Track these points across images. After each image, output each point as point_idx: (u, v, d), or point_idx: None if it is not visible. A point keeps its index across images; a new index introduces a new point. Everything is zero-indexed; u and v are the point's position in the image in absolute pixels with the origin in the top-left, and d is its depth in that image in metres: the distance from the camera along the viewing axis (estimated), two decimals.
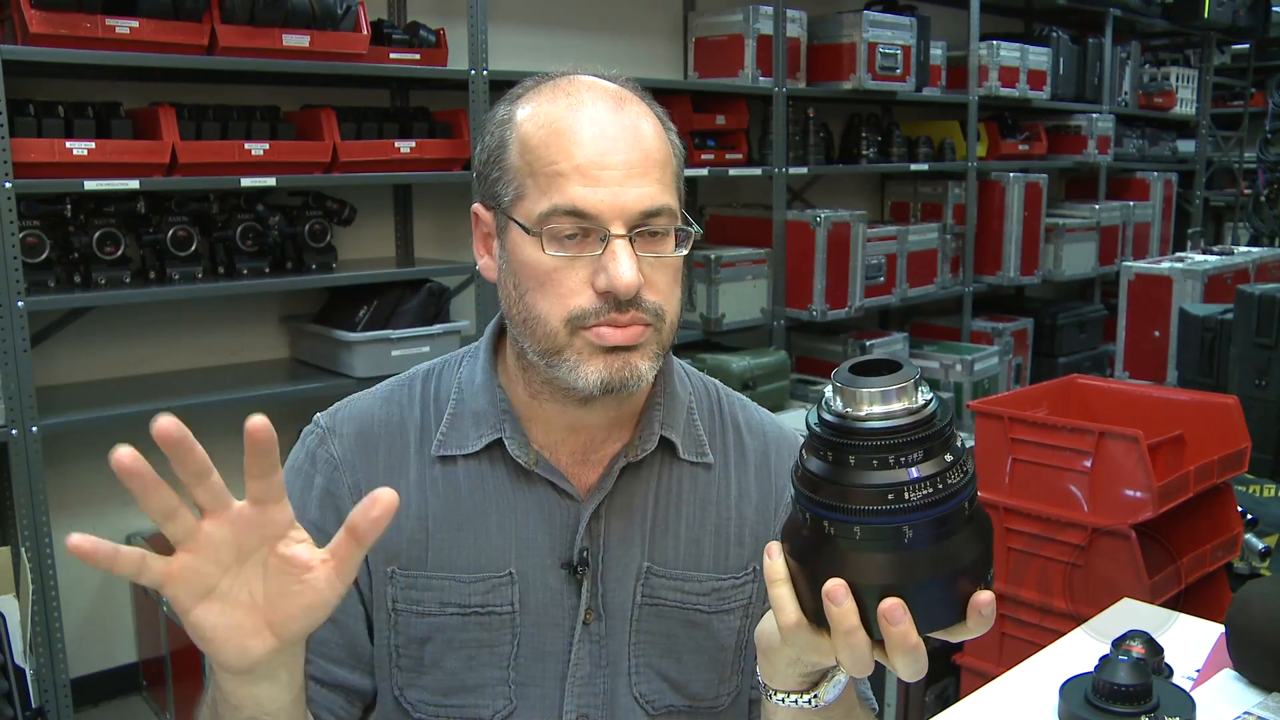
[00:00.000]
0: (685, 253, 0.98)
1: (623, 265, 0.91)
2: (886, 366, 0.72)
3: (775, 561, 0.77)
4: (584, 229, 0.93)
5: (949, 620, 0.71)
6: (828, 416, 0.72)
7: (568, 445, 1.04)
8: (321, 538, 0.98)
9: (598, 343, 0.94)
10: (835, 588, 0.71)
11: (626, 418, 1.05)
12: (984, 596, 0.71)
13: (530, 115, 0.97)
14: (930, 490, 0.69)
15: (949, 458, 0.70)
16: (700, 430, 1.10)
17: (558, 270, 0.94)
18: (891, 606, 0.70)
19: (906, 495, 0.68)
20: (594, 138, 0.93)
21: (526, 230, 0.94)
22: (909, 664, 0.72)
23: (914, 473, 0.69)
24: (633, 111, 0.96)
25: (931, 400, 0.71)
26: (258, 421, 0.72)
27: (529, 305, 0.96)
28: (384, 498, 0.74)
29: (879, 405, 0.70)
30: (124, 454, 0.68)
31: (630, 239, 0.93)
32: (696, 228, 1.00)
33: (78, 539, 0.67)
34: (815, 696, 0.84)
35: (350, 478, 1.03)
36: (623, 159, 0.93)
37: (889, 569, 0.70)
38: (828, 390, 0.73)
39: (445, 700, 1.03)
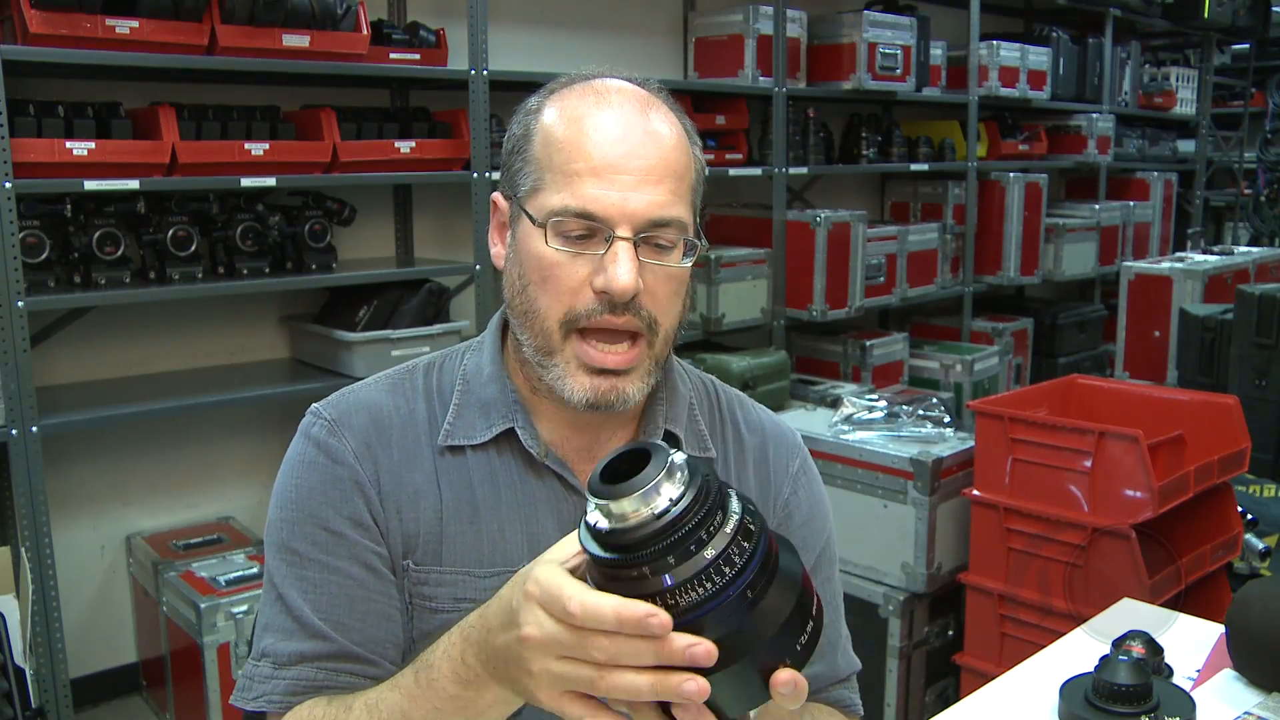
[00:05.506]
0: (689, 265, 0.97)
1: (622, 267, 0.92)
2: (639, 460, 0.69)
3: None
4: (591, 229, 0.93)
5: (756, 700, 0.70)
6: (588, 528, 0.70)
7: (572, 442, 1.04)
8: (359, 531, 0.99)
9: (587, 361, 0.95)
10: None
11: (629, 414, 1.05)
12: (782, 676, 0.69)
13: (557, 111, 0.97)
14: (696, 593, 0.67)
15: (710, 553, 0.67)
16: (701, 425, 1.10)
17: (560, 265, 0.94)
18: (687, 703, 0.68)
19: (673, 600, 0.67)
20: (615, 140, 0.94)
21: (534, 222, 0.95)
22: None
23: (668, 580, 0.67)
24: (658, 119, 0.97)
25: (682, 497, 0.68)
26: None
27: (530, 298, 0.97)
28: None
29: (621, 518, 0.68)
30: None
31: (635, 244, 0.93)
32: (704, 242, 1.00)
33: None
34: None
35: (369, 468, 1.01)
36: (639, 164, 0.93)
37: None
38: (589, 495, 0.70)
39: None
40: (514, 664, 0.75)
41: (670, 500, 0.68)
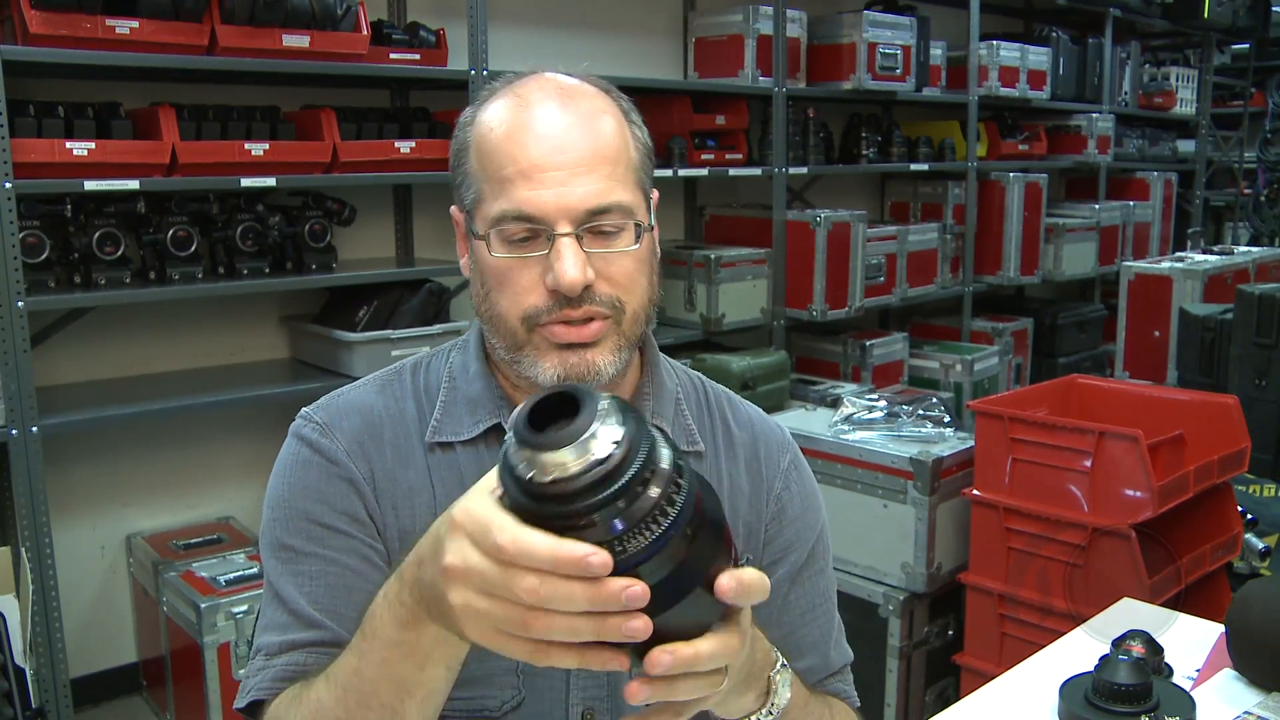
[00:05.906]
0: (637, 247, 0.97)
1: (567, 264, 0.93)
2: (568, 402, 0.66)
3: None
4: (532, 230, 0.94)
5: (712, 617, 0.69)
6: (518, 481, 0.66)
7: None
8: (355, 526, 1.00)
9: (555, 340, 0.96)
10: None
11: None
12: (724, 582, 0.68)
13: (486, 119, 0.98)
14: (647, 535, 0.65)
15: (654, 492, 0.65)
16: (689, 419, 1.11)
17: (511, 270, 0.96)
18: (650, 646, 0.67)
19: (620, 547, 0.64)
20: (538, 139, 0.94)
21: (476, 235, 0.97)
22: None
23: (618, 525, 0.64)
24: (583, 107, 0.96)
25: (621, 439, 0.65)
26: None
27: (492, 303, 0.98)
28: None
29: (562, 468, 0.64)
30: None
31: (579, 237, 0.94)
32: (650, 223, 1.00)
33: None
34: (772, 705, 0.83)
35: (363, 466, 1.02)
36: (567, 158, 0.94)
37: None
38: (510, 443, 0.67)
39: (454, 693, 1.01)
40: (440, 597, 0.71)
41: (614, 443, 0.64)
